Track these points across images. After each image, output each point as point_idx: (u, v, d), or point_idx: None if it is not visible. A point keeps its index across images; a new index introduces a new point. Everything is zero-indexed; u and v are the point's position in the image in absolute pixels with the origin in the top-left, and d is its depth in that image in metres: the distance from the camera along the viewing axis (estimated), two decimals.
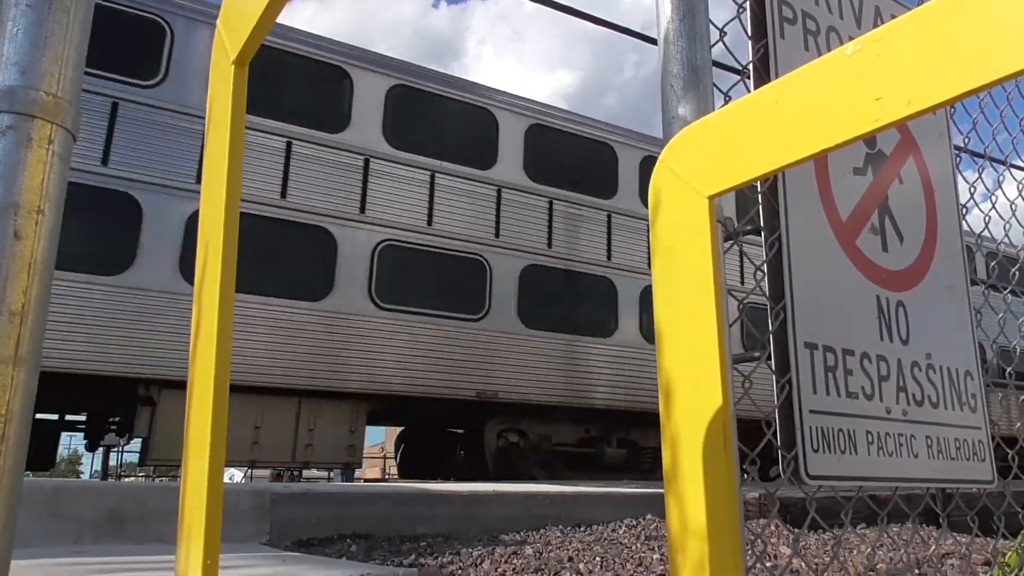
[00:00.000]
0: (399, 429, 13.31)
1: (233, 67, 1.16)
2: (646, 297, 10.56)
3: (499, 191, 9.98)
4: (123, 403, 8.16)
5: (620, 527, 4.64)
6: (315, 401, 8.61)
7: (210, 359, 1.10)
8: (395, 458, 14.11)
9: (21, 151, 1.03)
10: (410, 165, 9.40)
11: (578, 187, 10.64)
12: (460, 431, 11.77)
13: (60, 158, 1.07)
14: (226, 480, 1.52)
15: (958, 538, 4.35)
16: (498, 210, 9.95)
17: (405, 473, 12.72)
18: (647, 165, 10.58)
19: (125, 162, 7.82)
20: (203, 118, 1.24)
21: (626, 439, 10.69)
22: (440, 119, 9.98)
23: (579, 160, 10.84)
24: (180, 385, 7.03)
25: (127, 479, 21.50)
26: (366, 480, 21.09)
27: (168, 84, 8.24)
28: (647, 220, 0.86)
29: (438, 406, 9.56)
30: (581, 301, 10.45)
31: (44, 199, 1.04)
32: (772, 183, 1.42)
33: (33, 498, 3.36)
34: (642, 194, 10.70)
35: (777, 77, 1.39)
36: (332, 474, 19.48)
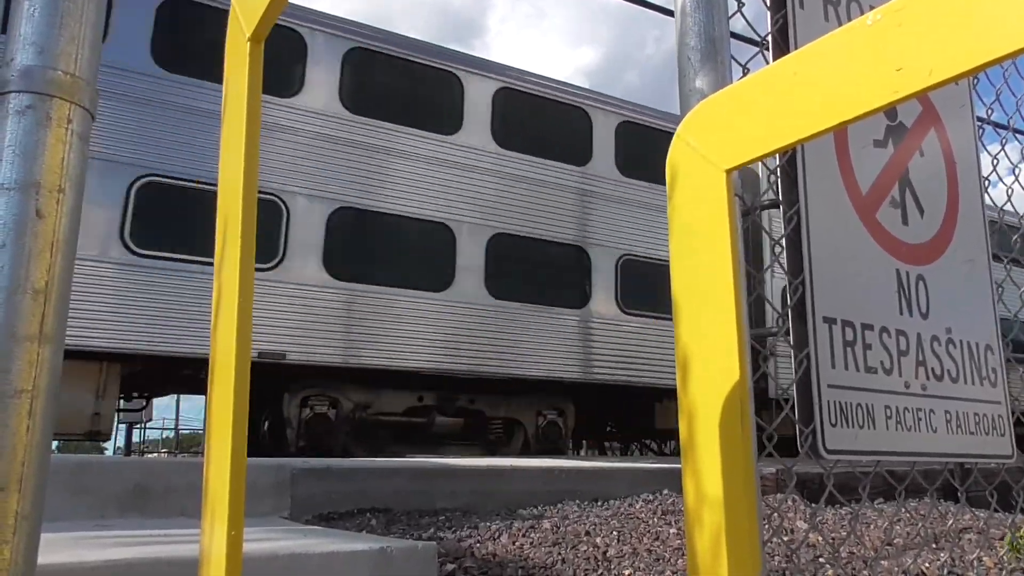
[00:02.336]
0: None
1: (249, 44, 1.16)
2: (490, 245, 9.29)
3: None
4: None
5: (637, 502, 4.66)
6: None
7: (231, 336, 1.11)
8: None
9: (40, 131, 1.04)
10: None
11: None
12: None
13: (79, 137, 1.08)
14: None
15: (976, 513, 4.33)
16: None
17: None
18: None
19: None
20: None
21: (470, 408, 9.32)
22: None
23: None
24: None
25: (150, 455, 21.82)
26: None
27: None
28: None
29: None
30: (408, 249, 8.91)
31: (65, 178, 1.05)
32: (791, 156, 1.41)
33: (58, 473, 3.42)
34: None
35: (796, 48, 1.37)
36: None
